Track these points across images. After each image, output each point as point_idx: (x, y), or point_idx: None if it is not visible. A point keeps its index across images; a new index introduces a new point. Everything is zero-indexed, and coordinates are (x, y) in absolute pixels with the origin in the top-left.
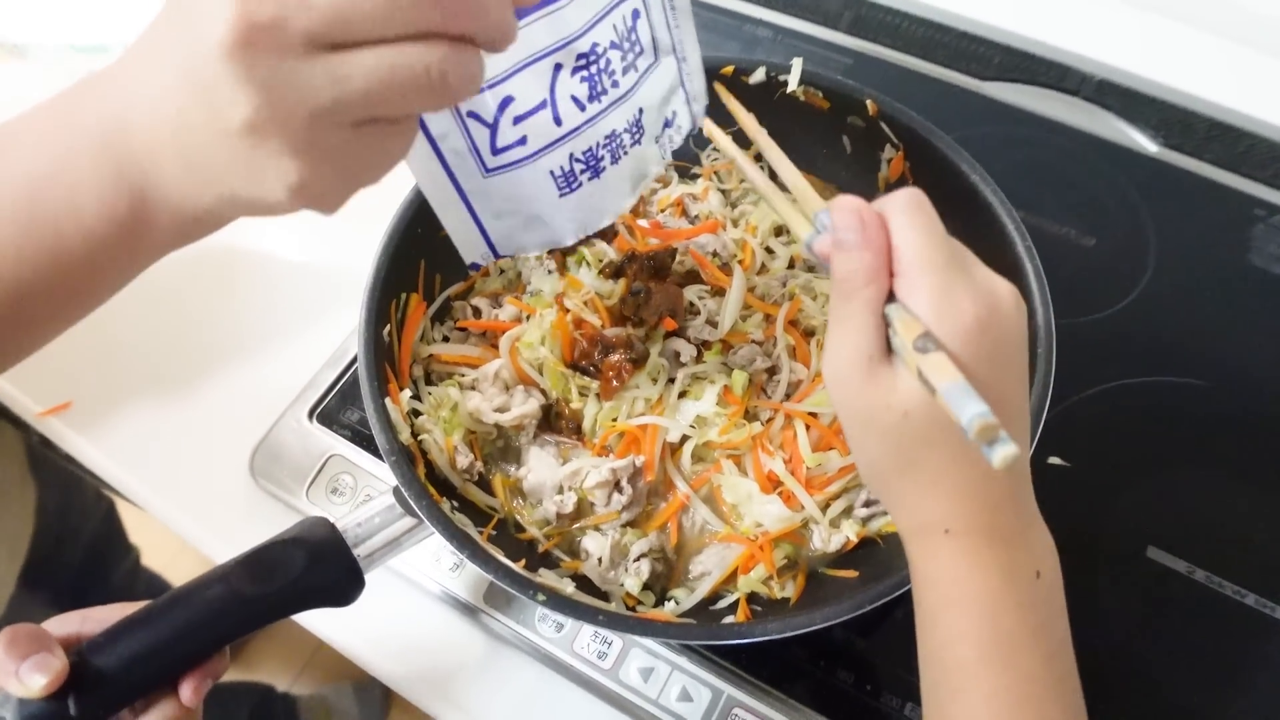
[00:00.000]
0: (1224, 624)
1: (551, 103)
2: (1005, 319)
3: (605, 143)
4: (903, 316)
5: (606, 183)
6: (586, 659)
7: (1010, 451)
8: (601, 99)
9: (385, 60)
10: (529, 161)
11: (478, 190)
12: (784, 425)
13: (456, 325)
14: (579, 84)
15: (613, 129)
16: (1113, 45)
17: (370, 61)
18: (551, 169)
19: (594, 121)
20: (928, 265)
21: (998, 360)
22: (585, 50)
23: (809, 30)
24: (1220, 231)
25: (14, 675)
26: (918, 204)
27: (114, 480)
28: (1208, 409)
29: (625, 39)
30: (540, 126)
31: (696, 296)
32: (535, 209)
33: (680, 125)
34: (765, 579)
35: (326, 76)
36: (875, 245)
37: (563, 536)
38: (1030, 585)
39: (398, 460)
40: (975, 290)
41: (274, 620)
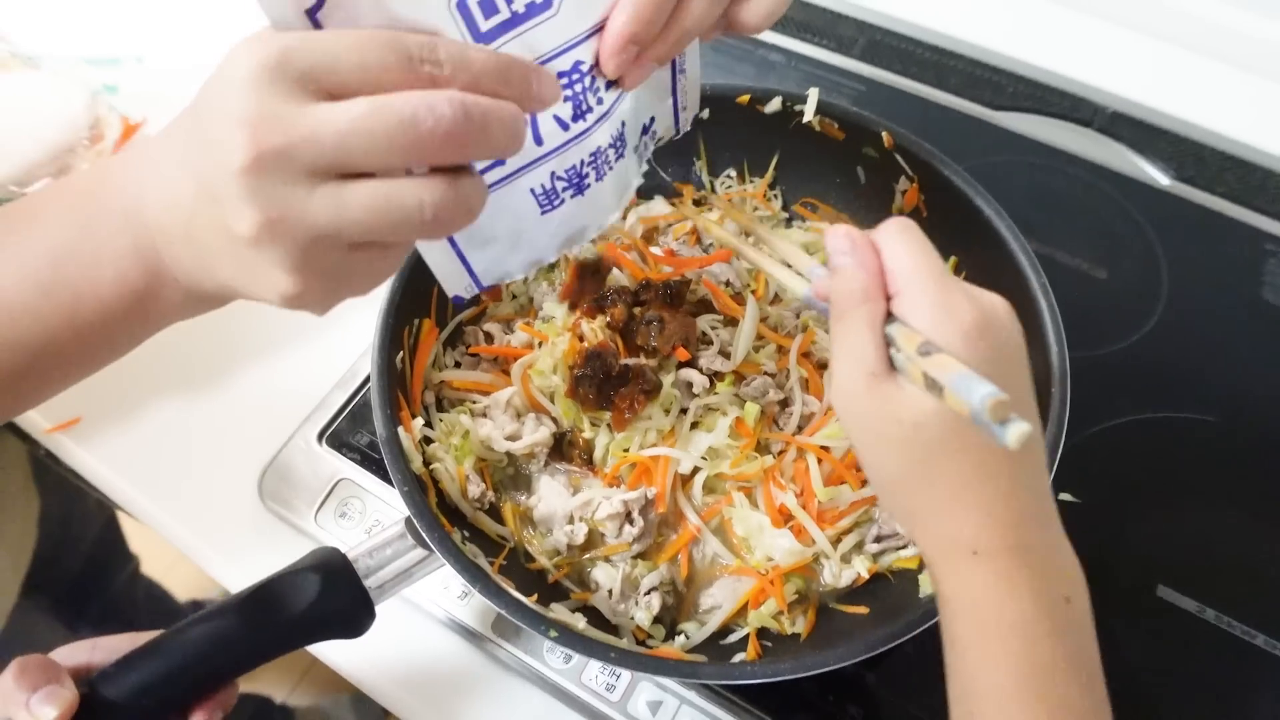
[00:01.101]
0: (1234, 664)
1: (531, 122)
2: (1003, 325)
3: (590, 160)
4: (903, 331)
5: (591, 198)
6: (595, 691)
7: (1024, 428)
8: (586, 117)
9: (381, 193)
10: (507, 182)
11: None
12: (796, 458)
13: (468, 350)
14: (562, 103)
15: (598, 146)
16: (1127, 76)
17: (368, 193)
18: (532, 187)
19: (579, 140)
20: (922, 278)
21: (1000, 362)
22: (566, 69)
23: (822, 56)
24: (1233, 266)
25: (24, 706)
26: (907, 227)
27: (122, 498)
28: (1220, 445)
29: None
30: None
31: (709, 326)
32: (517, 230)
33: (656, 131)
34: (776, 614)
35: (326, 204)
36: (868, 264)
37: (572, 567)
38: (1063, 610)
39: (410, 491)
40: (970, 298)
41: (285, 652)
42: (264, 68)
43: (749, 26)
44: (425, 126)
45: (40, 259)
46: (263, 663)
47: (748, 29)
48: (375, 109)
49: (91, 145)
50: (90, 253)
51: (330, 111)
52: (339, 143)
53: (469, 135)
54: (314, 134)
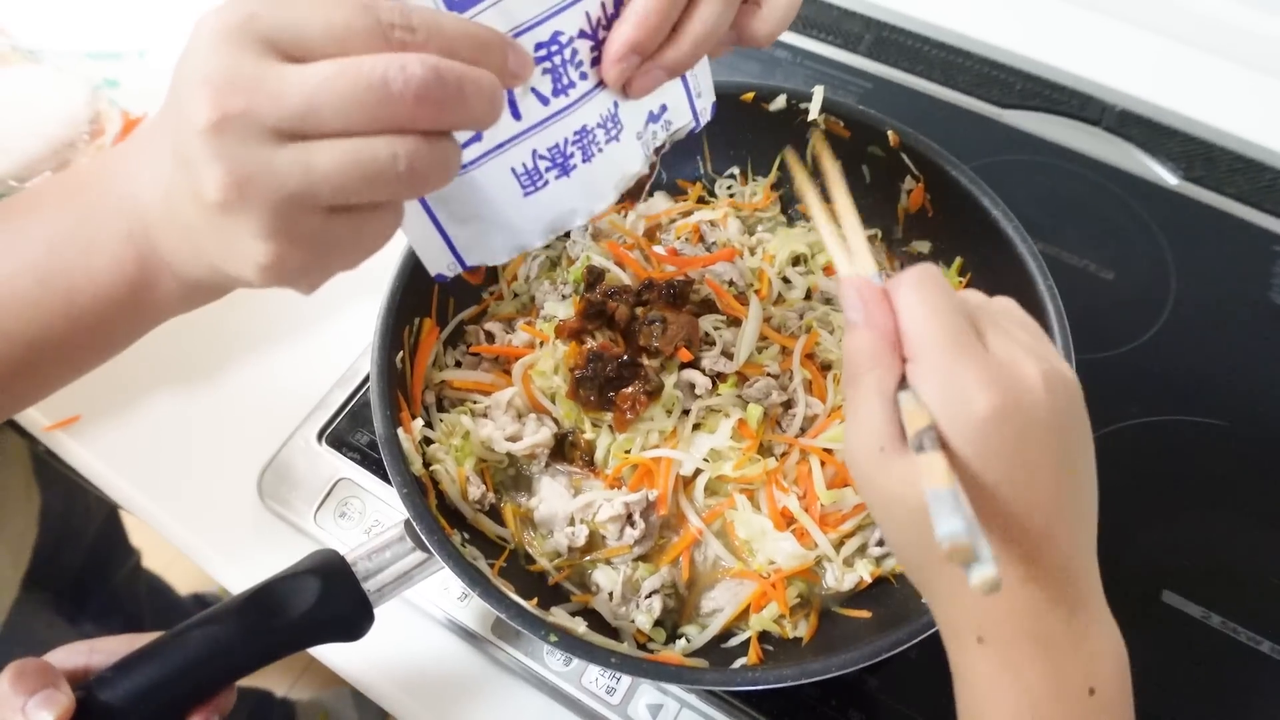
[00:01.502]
0: (1239, 670)
1: (508, 94)
2: (1031, 407)
3: (575, 139)
4: (910, 406)
5: (579, 181)
6: (595, 694)
7: (987, 576)
8: (569, 92)
9: (350, 150)
10: (486, 159)
11: (437, 195)
12: (799, 460)
13: (469, 350)
14: (540, 76)
15: (583, 124)
16: (1135, 75)
17: (335, 151)
18: (513, 166)
19: (560, 116)
20: (937, 348)
21: (1021, 456)
22: (545, 39)
23: (828, 53)
24: (1241, 267)
25: (20, 711)
26: (925, 279)
27: (121, 496)
28: (1227, 449)
29: (604, 28)
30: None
31: (712, 326)
32: (498, 211)
33: (670, 120)
34: (778, 617)
35: (294, 164)
36: (879, 325)
37: (573, 569)
38: (1080, 702)
39: (410, 493)
40: (992, 375)
41: (283, 656)
42: (229, 29)
43: (759, 38)
44: (395, 87)
45: (37, 248)
46: (261, 666)
47: (758, 41)
48: (342, 70)
49: (92, 140)
50: (86, 240)
51: (297, 73)
52: (305, 104)
53: (444, 98)
54: (279, 94)
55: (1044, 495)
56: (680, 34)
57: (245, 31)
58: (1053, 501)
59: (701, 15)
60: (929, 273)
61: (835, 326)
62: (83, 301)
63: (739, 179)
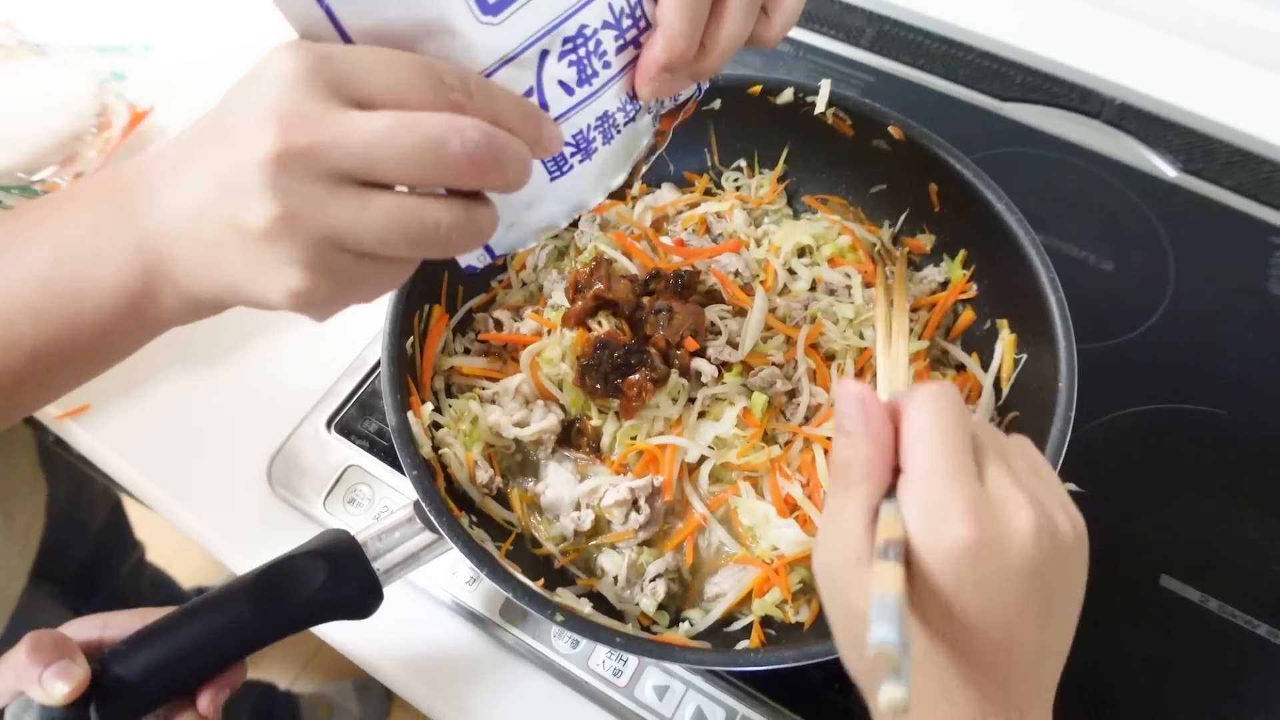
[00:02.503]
0: (1236, 654)
1: (538, 89)
2: (1012, 549)
3: (597, 124)
4: (888, 517)
5: (598, 162)
6: (602, 676)
7: (895, 696)
8: (592, 81)
9: (403, 207)
10: None
11: None
12: (803, 449)
13: (478, 337)
14: (566, 68)
15: (605, 110)
16: (1135, 69)
17: (388, 206)
18: None
19: (584, 104)
20: (930, 471)
21: (994, 593)
22: (572, 34)
23: (830, 47)
24: (1240, 259)
25: (37, 681)
26: (943, 400)
27: (131, 484)
28: (1225, 437)
29: (627, 14)
30: None
31: (718, 316)
32: (527, 197)
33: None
34: (780, 603)
35: (346, 209)
36: (878, 440)
37: (579, 553)
38: None
39: (419, 475)
40: (980, 510)
41: (293, 632)
42: (300, 68)
43: (768, 40)
44: (451, 148)
45: (44, 257)
46: (271, 643)
47: (767, 42)
48: (404, 123)
49: (99, 133)
50: (92, 251)
51: (361, 118)
52: (366, 150)
53: (489, 164)
54: (343, 136)
55: (1005, 637)
56: (707, 49)
57: (315, 72)
58: (1016, 645)
59: (726, 31)
60: (948, 394)
61: (839, 318)
62: (85, 311)
63: (745, 171)
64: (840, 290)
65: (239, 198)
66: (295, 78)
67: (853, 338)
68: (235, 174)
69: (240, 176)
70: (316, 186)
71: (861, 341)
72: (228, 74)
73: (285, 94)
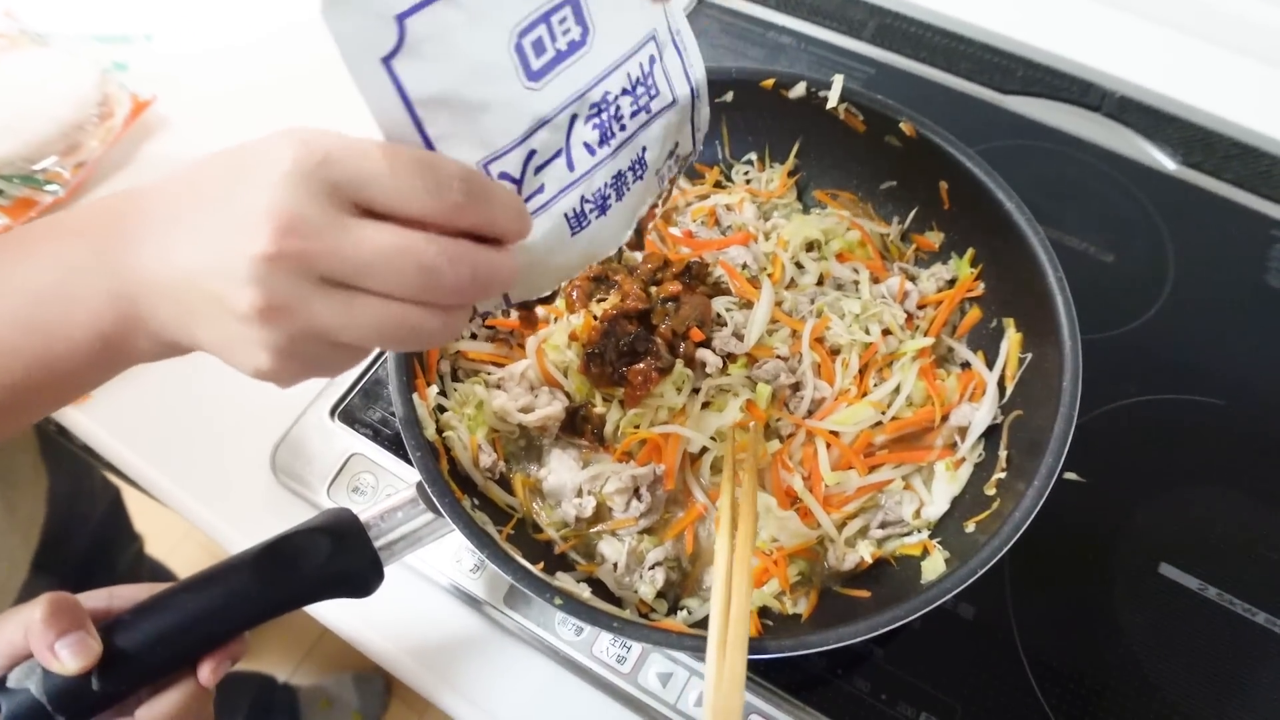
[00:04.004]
0: (1234, 642)
1: (566, 149)
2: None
3: (612, 182)
4: None
5: (611, 217)
6: (606, 662)
7: None
8: (610, 143)
9: (386, 314)
10: (546, 208)
11: None
12: (805, 442)
13: (485, 323)
14: (590, 130)
15: (619, 169)
16: (1135, 62)
17: (374, 311)
18: (565, 211)
19: (603, 164)
20: None
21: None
22: (597, 99)
23: (832, 39)
24: (1238, 251)
25: (49, 648)
26: None
27: (135, 473)
28: (1223, 427)
29: (640, 83)
30: (556, 173)
31: (724, 308)
32: (547, 252)
33: (680, 154)
34: (778, 594)
35: (332, 311)
36: None
37: (579, 539)
38: None
39: (423, 456)
40: None
41: (295, 608)
42: (303, 168)
43: None
44: (445, 280)
45: (25, 297)
46: (273, 617)
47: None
48: (404, 249)
49: (101, 123)
50: (70, 294)
51: (360, 232)
52: (360, 267)
53: (473, 293)
54: (338, 249)
55: None
56: None
57: (319, 174)
58: None
59: None
60: None
61: (845, 312)
62: (59, 350)
63: (756, 165)
64: (848, 285)
65: (227, 278)
66: (297, 177)
67: (858, 333)
68: (227, 259)
69: (233, 263)
70: (305, 286)
71: (867, 337)
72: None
73: (287, 193)
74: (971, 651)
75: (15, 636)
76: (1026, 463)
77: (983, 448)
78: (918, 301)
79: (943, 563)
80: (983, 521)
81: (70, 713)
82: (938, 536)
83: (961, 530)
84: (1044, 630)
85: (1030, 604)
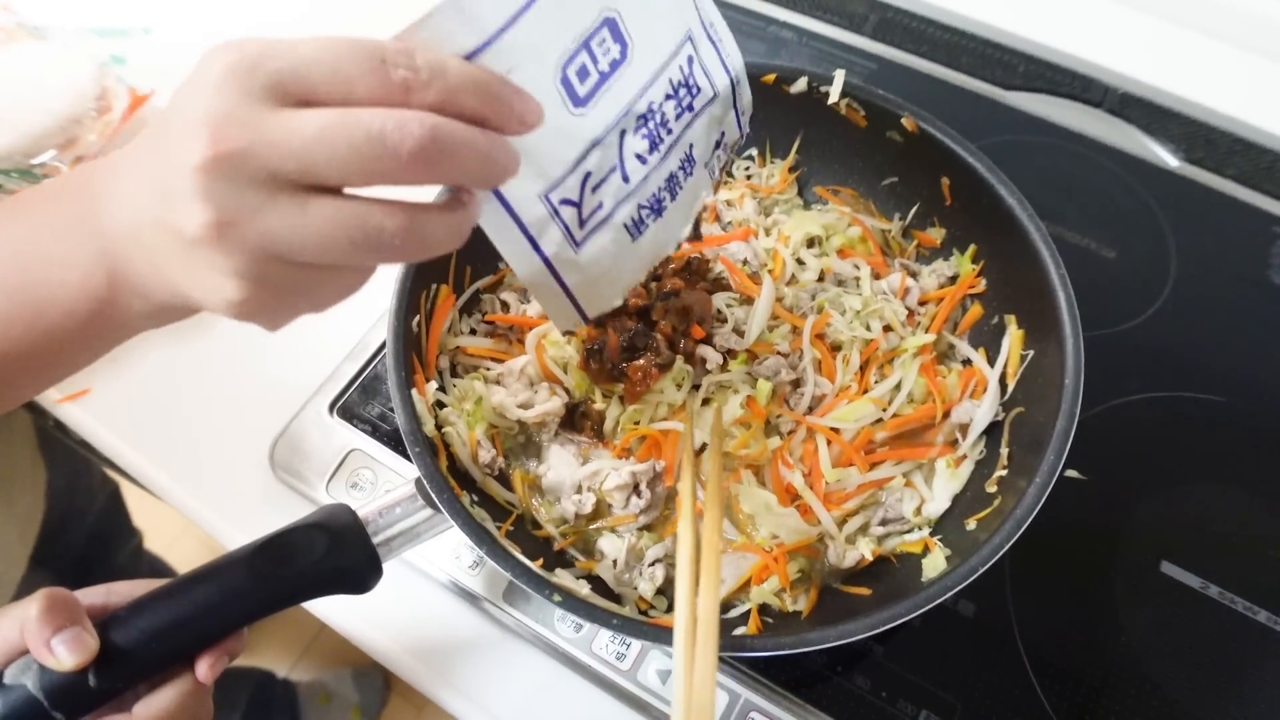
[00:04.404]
0: (1236, 640)
1: (620, 164)
2: None
3: (666, 185)
4: None
5: (667, 218)
6: (605, 659)
7: None
8: (660, 149)
9: (341, 214)
10: (607, 222)
11: (570, 267)
12: (805, 439)
13: (484, 318)
14: (640, 141)
15: (670, 172)
16: (1137, 58)
17: (327, 213)
18: (624, 222)
19: (656, 170)
20: None
21: None
22: (643, 111)
23: (833, 34)
24: (1240, 248)
25: (45, 644)
26: None
27: (133, 468)
28: (1225, 425)
29: (682, 85)
30: (613, 188)
31: (725, 304)
32: (615, 263)
33: (727, 143)
34: (778, 591)
35: (283, 217)
36: None
37: (579, 536)
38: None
39: (421, 452)
40: None
41: (292, 604)
42: (233, 70)
43: None
44: (391, 142)
45: (8, 263)
46: (270, 613)
47: None
48: (343, 120)
49: (99, 116)
50: (59, 256)
51: (296, 118)
52: (303, 150)
53: (438, 159)
54: (277, 139)
55: None
56: None
57: (252, 73)
58: None
59: None
60: None
61: (846, 308)
62: (52, 316)
63: (757, 160)
64: (849, 281)
65: (172, 203)
66: (229, 78)
67: (859, 329)
68: (168, 179)
69: (173, 182)
70: (250, 193)
71: (868, 333)
72: None
73: (218, 96)
74: (972, 649)
75: (11, 633)
76: (1028, 460)
77: (984, 445)
78: (919, 298)
79: (943, 560)
80: (984, 519)
81: (67, 709)
82: (938, 534)
83: (962, 528)
84: (1044, 628)
85: (1031, 602)
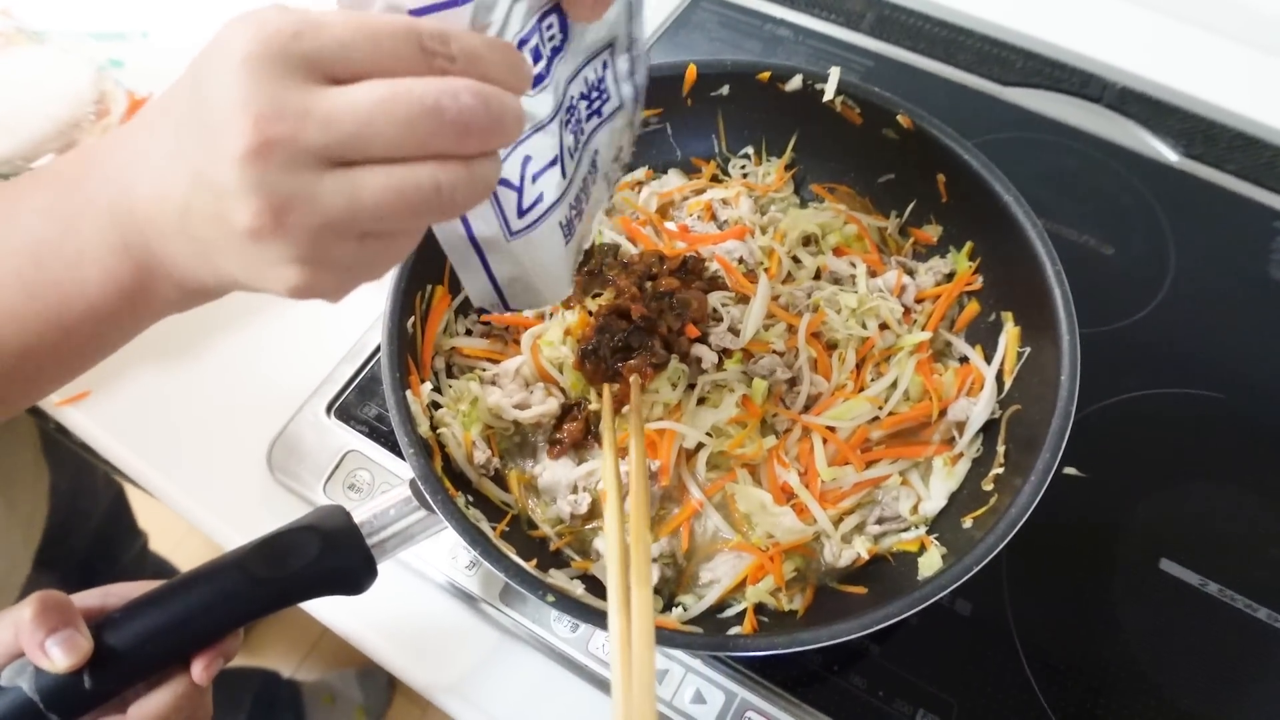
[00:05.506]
0: (1235, 637)
1: (561, 158)
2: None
3: (583, 186)
4: None
5: (584, 222)
6: (601, 659)
7: None
8: (582, 147)
9: (397, 179)
10: (545, 218)
11: (498, 253)
12: (801, 438)
13: (480, 319)
14: (569, 135)
15: (586, 172)
16: (1136, 53)
17: (382, 180)
18: (560, 221)
19: (580, 166)
20: None
21: None
22: (570, 104)
23: (830, 31)
24: (1240, 243)
25: (39, 646)
26: None
27: (131, 470)
28: (1224, 422)
29: (595, 89)
30: (551, 181)
31: (720, 303)
32: (546, 263)
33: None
34: (774, 590)
35: (338, 193)
36: None
37: (574, 536)
38: None
39: (416, 453)
40: None
41: (287, 605)
42: (268, 49)
43: None
44: (449, 114)
45: (23, 258)
46: (265, 614)
47: None
48: (395, 94)
49: (97, 120)
50: (75, 251)
51: (344, 96)
52: (358, 128)
53: (488, 125)
54: (329, 117)
55: None
56: None
57: (289, 53)
58: None
59: None
60: None
61: (842, 306)
62: (77, 311)
63: (753, 159)
64: (845, 279)
65: (221, 196)
66: (263, 59)
67: (855, 327)
68: (212, 172)
69: (218, 174)
70: (302, 176)
71: (864, 331)
72: None
73: (254, 79)
74: (969, 648)
75: (6, 635)
76: (1024, 458)
77: (980, 443)
78: (915, 295)
79: (940, 559)
80: (980, 517)
81: (63, 710)
82: (935, 532)
83: (959, 526)
84: (1042, 626)
85: (1028, 600)
